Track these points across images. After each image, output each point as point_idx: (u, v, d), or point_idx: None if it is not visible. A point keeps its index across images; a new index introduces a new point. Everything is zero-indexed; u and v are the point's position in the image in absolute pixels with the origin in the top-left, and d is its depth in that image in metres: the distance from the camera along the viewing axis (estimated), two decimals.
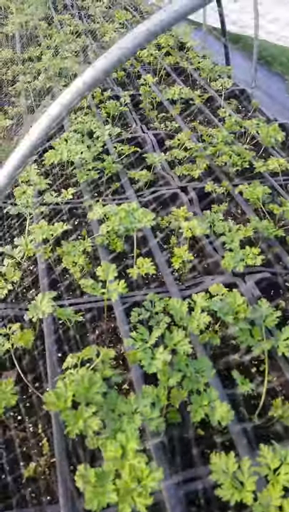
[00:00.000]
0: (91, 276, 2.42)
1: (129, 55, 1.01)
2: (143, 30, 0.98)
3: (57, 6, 6.90)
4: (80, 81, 1.03)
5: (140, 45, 1.00)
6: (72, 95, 1.03)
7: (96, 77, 1.02)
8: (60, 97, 1.06)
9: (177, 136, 3.47)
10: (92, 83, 1.02)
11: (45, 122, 1.06)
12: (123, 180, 3.18)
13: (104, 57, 1.01)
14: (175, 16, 0.96)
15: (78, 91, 1.03)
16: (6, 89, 4.31)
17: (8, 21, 5.86)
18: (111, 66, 1.01)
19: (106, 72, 1.02)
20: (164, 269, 2.49)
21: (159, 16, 0.97)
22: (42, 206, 2.61)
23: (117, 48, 1.00)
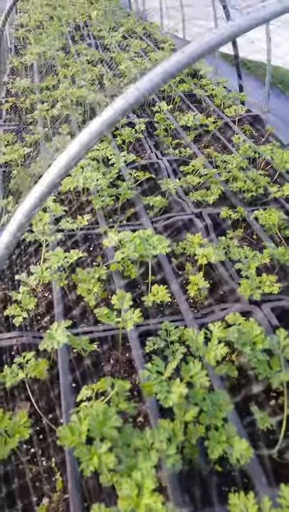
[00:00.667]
0: (105, 303, 2.41)
1: (147, 95, 1.03)
2: (160, 72, 1.00)
3: (74, 37, 7.14)
4: (99, 121, 1.04)
5: (158, 86, 1.01)
6: (90, 135, 1.05)
7: (114, 118, 1.03)
8: (79, 136, 1.07)
9: (191, 162, 3.50)
10: (110, 123, 1.04)
11: (64, 161, 1.07)
12: (138, 206, 3.20)
13: (123, 98, 1.02)
14: (192, 56, 0.97)
15: (97, 131, 1.04)
16: (24, 117, 4.42)
17: (27, 51, 6.07)
18: (129, 107, 1.03)
19: (124, 112, 1.03)
20: (179, 295, 2.46)
21: (175, 58, 0.98)
22: (58, 233, 2.63)
23: (135, 89, 1.02)
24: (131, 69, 5.22)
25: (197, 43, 0.97)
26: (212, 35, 0.97)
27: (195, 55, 0.98)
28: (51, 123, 4.17)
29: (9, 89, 4.93)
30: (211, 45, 0.97)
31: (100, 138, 1.07)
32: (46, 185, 1.09)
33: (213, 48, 0.97)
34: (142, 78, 1.02)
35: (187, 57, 0.97)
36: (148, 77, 1.00)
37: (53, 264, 2.17)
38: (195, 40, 0.98)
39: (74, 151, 1.07)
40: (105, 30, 7.22)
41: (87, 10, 8.86)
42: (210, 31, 0.97)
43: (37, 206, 1.12)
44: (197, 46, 0.96)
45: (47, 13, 8.48)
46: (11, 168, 3.47)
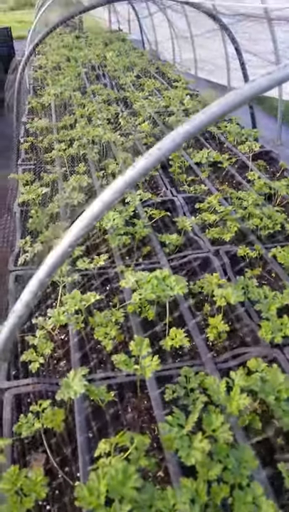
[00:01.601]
0: (123, 346, 2.37)
1: (168, 154, 1.03)
2: (182, 133, 1.00)
3: (90, 77, 7.40)
4: (121, 180, 1.04)
5: (179, 145, 1.01)
6: (114, 194, 1.05)
7: (137, 177, 1.03)
8: (102, 194, 1.07)
9: (207, 200, 3.51)
10: (132, 182, 1.03)
11: (87, 219, 1.07)
12: (154, 244, 3.19)
13: (145, 159, 1.02)
14: (213, 117, 0.97)
15: (120, 189, 1.04)
16: (42, 156, 4.53)
17: (45, 92, 6.30)
18: (151, 166, 1.03)
19: (147, 171, 1.03)
20: (197, 337, 2.41)
21: (198, 119, 0.98)
22: (74, 274, 2.62)
23: (156, 149, 1.02)
24: (145, 108, 5.35)
25: (218, 103, 0.97)
26: (233, 96, 0.97)
27: (215, 116, 0.98)
28: (68, 162, 4.25)
29: (28, 129, 5.07)
30: (232, 106, 0.97)
31: (122, 196, 1.07)
32: (68, 243, 1.08)
33: (234, 107, 0.98)
34: (164, 138, 1.02)
35: (208, 118, 0.97)
36: (170, 137, 1.01)
37: (70, 307, 2.15)
38: (217, 101, 0.98)
39: (97, 209, 1.06)
40: (120, 70, 7.47)
41: (102, 51, 9.22)
42: (231, 92, 0.98)
43: (59, 264, 1.11)
44: (218, 108, 0.97)
45: (64, 54, 8.84)
46: (29, 207, 3.52)
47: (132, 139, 4.61)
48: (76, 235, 1.07)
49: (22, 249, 3.01)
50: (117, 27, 14.03)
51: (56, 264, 1.11)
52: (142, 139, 4.82)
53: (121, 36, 11.40)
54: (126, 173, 1.03)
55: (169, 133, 1.02)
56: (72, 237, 1.08)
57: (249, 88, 0.96)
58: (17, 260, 2.93)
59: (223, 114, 0.97)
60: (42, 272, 1.13)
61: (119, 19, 13.84)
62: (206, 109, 0.99)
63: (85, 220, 1.06)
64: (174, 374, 2.18)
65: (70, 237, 1.08)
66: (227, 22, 4.45)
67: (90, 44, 10.11)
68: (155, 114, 5.40)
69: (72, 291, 2.61)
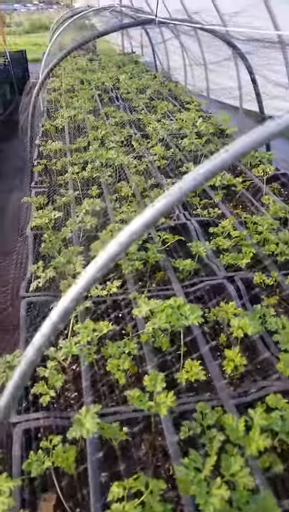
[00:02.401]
0: (136, 378, 2.30)
1: (189, 193, 0.99)
2: (202, 172, 0.96)
3: (103, 99, 7.50)
4: (140, 220, 1.00)
5: (201, 184, 0.98)
6: (131, 236, 1.01)
7: (156, 217, 0.99)
8: (118, 236, 1.03)
9: (221, 224, 3.46)
10: (152, 222, 0.99)
11: (102, 261, 1.03)
12: (167, 269, 3.14)
13: (165, 198, 0.98)
14: (235, 155, 0.94)
15: (137, 231, 1.00)
16: (55, 178, 4.55)
17: (59, 114, 6.38)
18: (171, 205, 0.99)
19: (166, 211, 0.99)
20: (213, 369, 2.33)
21: (220, 157, 0.95)
22: (87, 301, 2.58)
23: (178, 188, 0.98)
24: (158, 130, 5.37)
25: (242, 141, 0.94)
26: (257, 133, 0.93)
27: (239, 154, 0.94)
28: (81, 184, 4.26)
29: (41, 151, 5.12)
30: (257, 143, 0.93)
31: (140, 237, 1.03)
32: (82, 289, 1.03)
33: (259, 145, 0.94)
34: (186, 177, 0.98)
35: (230, 157, 0.94)
36: (191, 175, 0.97)
37: (83, 338, 2.10)
38: (240, 138, 0.95)
39: (113, 250, 1.02)
40: (133, 92, 7.55)
41: (115, 73, 9.36)
42: (256, 129, 0.94)
43: (70, 309, 1.07)
44: (241, 145, 0.93)
45: (77, 77, 9.00)
46: (41, 231, 3.50)
47: (144, 162, 4.62)
48: (90, 278, 1.03)
49: (34, 275, 2.99)
50: (130, 49, 14.30)
51: (69, 309, 1.07)
52: (154, 161, 4.83)
53: (134, 58, 11.60)
54: (144, 212, 0.99)
55: (180, 156, 0.99)
56: (85, 281, 1.03)
57: (276, 125, 0.92)
58: (29, 286, 2.90)
59: (247, 152, 0.94)
60: (55, 315, 1.09)
61: (132, 42, 14.12)
62: (229, 147, 0.95)
63: (100, 261, 1.02)
64: (189, 409, 2.10)
65: (83, 280, 1.04)
66: (241, 47, 4.47)
67: (104, 67, 10.29)
68: (168, 137, 5.41)
69: (84, 318, 2.56)
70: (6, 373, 2.15)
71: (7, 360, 2.18)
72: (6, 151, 8.77)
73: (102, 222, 3.75)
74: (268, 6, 5.10)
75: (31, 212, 3.89)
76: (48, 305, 2.67)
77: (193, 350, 2.45)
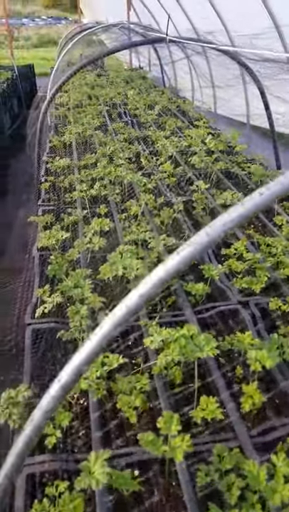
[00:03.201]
0: (148, 415, 2.16)
1: (203, 251, 0.89)
2: (235, 216, 0.86)
3: (111, 115, 7.47)
4: (161, 270, 0.89)
5: (230, 229, 0.87)
6: (152, 287, 0.90)
7: (180, 266, 0.88)
8: (138, 287, 0.92)
9: (233, 245, 3.35)
10: (174, 272, 0.89)
11: (122, 313, 0.91)
12: (179, 293, 3.02)
13: (190, 246, 0.88)
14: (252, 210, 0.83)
15: (158, 282, 0.89)
16: (62, 196, 4.47)
17: (66, 130, 6.33)
18: (196, 255, 0.88)
19: (191, 259, 0.88)
20: (229, 403, 2.19)
21: (252, 200, 0.84)
22: None
23: (204, 234, 0.88)
24: (167, 147, 5.30)
25: (279, 183, 0.83)
26: (276, 187, 0.83)
27: (274, 196, 0.84)
28: (89, 202, 4.17)
29: (48, 168, 5.05)
30: (274, 196, 0.83)
31: (162, 288, 0.92)
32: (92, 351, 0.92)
33: (276, 197, 0.84)
34: (214, 221, 0.88)
35: (265, 200, 0.83)
36: (220, 221, 0.86)
37: (92, 374, 1.97)
38: (277, 180, 0.84)
39: (133, 302, 0.91)
40: (141, 108, 7.52)
41: (123, 89, 9.37)
42: (271, 184, 0.84)
43: (82, 372, 0.95)
44: (279, 188, 0.82)
45: (85, 92, 9.00)
46: (48, 251, 3.41)
47: (154, 180, 4.53)
48: (105, 334, 0.92)
49: (40, 299, 2.88)
50: (138, 65, 14.40)
51: (81, 370, 0.95)
52: (164, 179, 4.74)
53: (142, 74, 11.64)
54: (167, 262, 0.88)
55: (190, 173, 0.88)
56: (98, 340, 0.92)
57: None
58: (35, 311, 2.78)
59: (264, 205, 0.84)
60: (65, 376, 0.97)
61: (140, 58, 14.21)
62: (264, 190, 0.85)
63: (119, 313, 0.91)
64: (205, 449, 1.97)
65: (95, 340, 0.92)
66: (252, 66, 4.42)
67: (112, 82, 10.31)
68: (177, 154, 5.34)
69: None
70: (10, 410, 2.03)
71: (10, 396, 2.05)
72: (13, 166, 8.75)
73: (111, 242, 3.65)
74: (280, 31, 5.08)
75: (38, 230, 3.80)
76: (55, 333, 2.56)
77: (208, 383, 2.32)
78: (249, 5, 5.30)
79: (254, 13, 5.36)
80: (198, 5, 7.38)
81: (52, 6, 42.18)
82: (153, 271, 0.91)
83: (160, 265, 0.91)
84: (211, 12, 6.89)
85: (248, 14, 5.69)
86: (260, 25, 5.60)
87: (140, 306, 0.90)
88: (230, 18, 6.77)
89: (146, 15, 11.61)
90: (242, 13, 5.99)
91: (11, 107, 10.70)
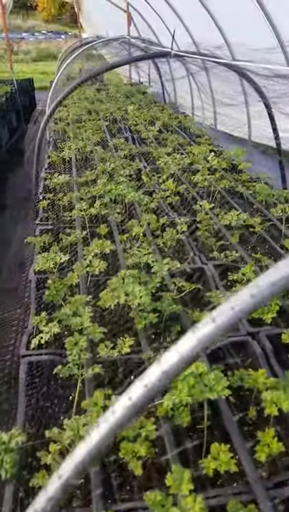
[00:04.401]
0: (153, 464, 1.98)
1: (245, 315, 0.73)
2: (265, 286, 0.70)
3: (111, 130, 7.37)
4: (174, 357, 0.72)
5: (263, 303, 0.70)
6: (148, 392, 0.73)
7: (197, 350, 0.72)
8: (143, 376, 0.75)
9: (241, 270, 3.19)
10: (190, 357, 0.72)
11: (122, 412, 0.74)
12: (184, 322, 2.85)
13: (209, 324, 0.72)
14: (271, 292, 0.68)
15: (163, 381, 0.73)
16: (61, 214, 4.31)
17: (65, 145, 6.21)
18: (219, 334, 0.72)
19: (210, 341, 0.72)
20: (241, 450, 2.00)
21: (248, 297, 0.68)
22: (96, 366, 2.27)
23: (228, 308, 0.71)
24: (169, 164, 5.18)
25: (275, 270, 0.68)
26: None
27: None
28: (89, 222, 4.02)
29: (46, 185, 4.91)
30: None
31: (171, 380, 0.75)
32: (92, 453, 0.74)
33: None
34: (240, 294, 0.72)
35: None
36: (248, 291, 0.70)
37: (92, 418, 1.79)
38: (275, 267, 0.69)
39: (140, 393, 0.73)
40: (142, 124, 7.43)
41: (123, 104, 9.31)
42: None
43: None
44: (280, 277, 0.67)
45: (85, 107, 8.93)
46: (45, 274, 3.24)
47: (156, 199, 4.39)
48: (118, 422, 0.74)
49: (36, 328, 2.69)
50: (138, 80, 14.42)
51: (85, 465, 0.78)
52: (166, 197, 4.60)
53: (141, 89, 11.61)
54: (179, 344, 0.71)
55: (193, 192, 0.73)
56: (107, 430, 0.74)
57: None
58: (30, 341, 2.60)
59: None
60: (66, 472, 0.80)
61: (139, 73, 14.24)
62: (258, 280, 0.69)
63: (131, 401, 0.74)
64: (216, 504, 1.78)
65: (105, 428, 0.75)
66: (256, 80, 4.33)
67: (111, 97, 10.26)
68: (179, 171, 5.21)
69: (92, 385, 2.26)
70: (1, 457, 1.84)
71: (3, 441, 1.86)
72: (11, 181, 8.62)
73: (112, 264, 3.49)
74: (283, 46, 5.01)
75: (35, 251, 3.63)
76: (52, 367, 2.37)
77: (218, 425, 2.14)
78: (252, 20, 5.24)
79: (257, 28, 5.30)
80: (199, 19, 7.36)
81: (52, 21, 42.71)
82: (180, 341, 0.74)
83: (189, 333, 0.74)
84: (213, 27, 6.85)
85: (250, 29, 5.64)
86: (264, 39, 5.54)
87: (163, 386, 0.73)
88: (233, 34, 6.73)
89: (147, 30, 11.65)
90: (244, 29, 5.94)
91: (10, 120, 10.62)
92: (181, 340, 0.73)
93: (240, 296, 0.70)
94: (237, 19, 6.13)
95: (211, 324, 0.70)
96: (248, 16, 5.31)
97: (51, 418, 2.21)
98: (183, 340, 0.73)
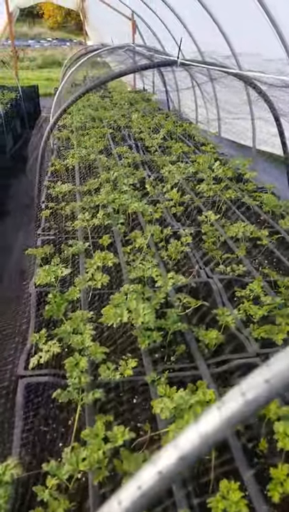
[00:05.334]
0: None
1: None
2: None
3: (115, 137, 7.28)
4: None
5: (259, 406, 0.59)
6: None
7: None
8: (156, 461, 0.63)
9: (249, 286, 3.06)
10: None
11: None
12: (189, 339, 2.73)
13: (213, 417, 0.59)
14: None
15: None
16: (64, 224, 4.21)
17: (69, 153, 6.12)
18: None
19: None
20: (251, 486, 1.87)
21: None
22: (96, 390, 2.14)
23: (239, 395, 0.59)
24: (173, 173, 5.07)
25: None
26: None
27: None
28: (92, 232, 3.91)
29: (49, 193, 4.81)
30: None
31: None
32: None
33: None
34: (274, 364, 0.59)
35: None
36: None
37: (92, 454, 1.66)
38: None
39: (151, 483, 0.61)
40: (146, 131, 7.35)
41: (127, 111, 9.23)
42: None
43: None
44: None
45: (89, 114, 8.85)
46: (46, 288, 3.12)
47: (160, 208, 4.28)
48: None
49: (36, 346, 2.57)
50: (142, 87, 14.38)
51: None
52: (170, 207, 4.49)
53: (146, 96, 11.56)
54: None
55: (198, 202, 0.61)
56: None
57: None
58: (29, 359, 2.47)
59: None
60: None
61: (144, 80, 14.20)
62: None
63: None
64: None
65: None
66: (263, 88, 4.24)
67: (115, 104, 10.20)
68: (183, 181, 5.10)
69: (92, 412, 2.14)
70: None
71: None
72: (14, 187, 8.53)
73: (115, 276, 3.38)
74: None
75: (36, 263, 3.52)
76: (52, 389, 2.25)
77: (226, 457, 2.00)
78: (262, 31, 5.16)
79: (268, 39, 5.22)
80: (205, 28, 7.30)
81: (57, 28, 42.98)
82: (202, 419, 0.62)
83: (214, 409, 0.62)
84: (220, 37, 6.79)
85: (261, 40, 5.56)
86: (275, 50, 5.46)
87: (181, 473, 0.61)
88: (239, 44, 6.66)
89: (152, 38, 11.62)
90: (255, 39, 5.86)
91: (14, 127, 10.57)
92: (204, 418, 0.61)
93: (276, 366, 0.58)
94: (247, 31, 6.07)
95: (239, 399, 0.58)
96: (257, 28, 5.24)
97: (49, 445, 2.08)
98: (205, 418, 0.61)
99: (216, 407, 0.61)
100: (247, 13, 5.30)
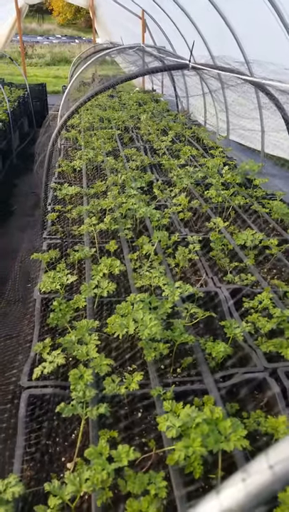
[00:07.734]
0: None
1: None
2: None
3: (123, 139, 7.23)
4: None
5: None
6: None
7: None
8: None
9: (257, 297, 3.01)
10: None
11: None
12: (196, 351, 2.68)
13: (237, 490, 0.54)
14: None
15: None
16: (70, 228, 4.16)
17: (76, 154, 6.08)
18: None
19: None
20: None
21: None
22: (101, 405, 2.09)
23: None
24: (182, 177, 5.01)
25: None
26: None
27: None
28: (98, 237, 3.86)
29: (56, 196, 4.77)
30: None
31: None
32: None
33: None
34: None
35: None
36: None
37: (96, 475, 1.61)
38: None
39: None
40: (154, 133, 7.29)
41: (135, 112, 9.17)
42: None
43: None
44: None
45: (97, 114, 8.80)
46: (51, 294, 3.08)
47: (167, 214, 4.22)
48: None
49: (39, 355, 2.53)
50: (150, 87, 14.31)
51: None
52: (178, 212, 4.44)
53: (155, 97, 11.49)
54: None
55: (206, 208, 0.56)
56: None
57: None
58: (33, 369, 2.43)
59: None
60: None
61: (152, 80, 14.13)
62: None
63: None
64: None
65: None
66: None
67: (124, 104, 10.13)
68: (191, 185, 5.04)
69: (96, 428, 2.09)
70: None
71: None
72: (20, 186, 8.52)
73: (122, 285, 3.33)
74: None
75: (42, 267, 3.48)
76: (56, 400, 2.21)
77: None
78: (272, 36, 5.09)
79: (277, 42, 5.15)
80: (215, 30, 7.23)
81: (67, 25, 42.95)
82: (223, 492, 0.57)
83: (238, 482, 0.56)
84: (233, 42, 6.71)
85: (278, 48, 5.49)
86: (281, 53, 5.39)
87: None
88: (252, 50, 6.59)
89: (161, 38, 11.54)
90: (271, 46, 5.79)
91: (21, 125, 10.55)
92: (225, 491, 0.56)
93: None
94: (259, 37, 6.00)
95: (267, 472, 0.52)
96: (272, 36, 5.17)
97: (51, 460, 2.04)
98: (228, 491, 0.55)
99: (241, 480, 0.55)
100: (260, 19, 5.23)
